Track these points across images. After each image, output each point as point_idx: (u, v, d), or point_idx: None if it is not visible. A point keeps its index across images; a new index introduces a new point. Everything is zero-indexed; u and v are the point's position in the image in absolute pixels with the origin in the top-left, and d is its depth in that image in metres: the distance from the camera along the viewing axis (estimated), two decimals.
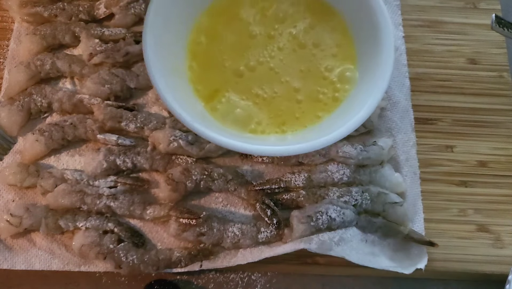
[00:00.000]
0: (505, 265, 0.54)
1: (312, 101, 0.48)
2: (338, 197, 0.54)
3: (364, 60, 0.48)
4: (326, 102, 0.48)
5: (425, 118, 0.61)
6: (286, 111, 0.48)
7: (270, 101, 0.49)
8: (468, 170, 0.59)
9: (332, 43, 0.50)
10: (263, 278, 0.55)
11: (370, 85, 0.45)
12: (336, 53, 0.50)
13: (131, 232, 0.53)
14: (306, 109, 0.48)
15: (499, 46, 0.65)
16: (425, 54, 0.64)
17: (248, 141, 0.45)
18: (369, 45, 0.47)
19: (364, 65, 0.48)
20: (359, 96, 0.46)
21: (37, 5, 0.61)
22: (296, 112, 0.48)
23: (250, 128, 0.48)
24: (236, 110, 0.48)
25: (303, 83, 0.49)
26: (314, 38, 0.50)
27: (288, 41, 0.50)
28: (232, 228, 0.53)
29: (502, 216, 0.57)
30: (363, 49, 0.48)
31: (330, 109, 0.48)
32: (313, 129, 0.47)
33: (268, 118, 0.48)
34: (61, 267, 0.53)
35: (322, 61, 0.49)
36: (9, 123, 0.56)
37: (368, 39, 0.47)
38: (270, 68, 0.50)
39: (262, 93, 0.49)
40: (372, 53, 0.46)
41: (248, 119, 0.48)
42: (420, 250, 0.54)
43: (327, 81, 0.48)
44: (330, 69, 0.49)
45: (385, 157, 0.57)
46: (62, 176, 0.55)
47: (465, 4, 0.67)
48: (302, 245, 0.51)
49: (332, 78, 0.48)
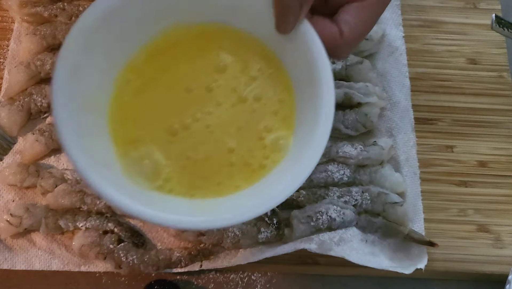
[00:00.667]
0: (505, 265, 0.54)
1: (243, 166, 0.41)
2: (338, 197, 0.54)
3: (301, 128, 0.42)
4: (253, 169, 0.41)
5: (425, 118, 0.61)
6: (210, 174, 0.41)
7: (198, 164, 0.41)
8: (468, 170, 0.59)
9: (275, 97, 0.43)
10: (263, 278, 0.55)
11: (298, 164, 0.38)
12: (277, 110, 0.42)
13: (131, 232, 0.53)
14: (235, 174, 0.41)
15: (499, 46, 0.65)
16: (425, 54, 0.64)
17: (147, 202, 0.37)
18: (308, 110, 0.41)
19: (299, 133, 0.41)
20: (285, 171, 0.40)
21: (37, 5, 0.61)
22: (222, 177, 0.41)
23: (157, 185, 0.40)
24: (144, 161, 0.41)
25: (238, 143, 0.42)
26: (256, 91, 0.43)
27: (227, 94, 0.43)
28: (232, 228, 0.53)
29: (502, 216, 0.57)
30: (303, 113, 0.42)
31: (253, 179, 0.41)
32: (222, 202, 0.40)
33: (180, 177, 0.40)
34: (61, 267, 0.53)
35: (261, 118, 0.42)
36: (9, 123, 0.56)
37: (308, 102, 0.41)
38: (206, 126, 0.42)
39: (193, 155, 0.41)
40: (310, 121, 0.40)
41: (156, 175, 0.40)
42: (420, 250, 0.54)
43: (261, 144, 0.41)
44: (268, 129, 0.42)
45: (385, 157, 0.57)
46: (62, 176, 0.54)
47: (465, 4, 0.67)
48: (302, 245, 0.51)
49: (266, 142, 0.41)
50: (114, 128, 0.41)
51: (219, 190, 0.40)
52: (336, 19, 0.40)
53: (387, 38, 0.64)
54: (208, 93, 0.43)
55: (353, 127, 0.57)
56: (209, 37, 0.45)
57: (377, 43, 0.62)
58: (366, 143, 0.57)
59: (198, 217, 0.37)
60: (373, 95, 0.58)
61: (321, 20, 0.40)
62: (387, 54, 0.63)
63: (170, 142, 0.41)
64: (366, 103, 0.58)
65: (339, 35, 0.39)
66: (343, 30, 0.39)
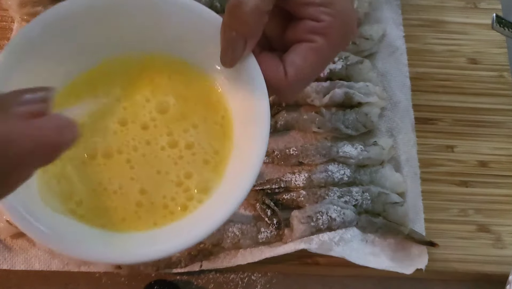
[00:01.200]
0: (505, 265, 0.54)
1: (155, 208, 0.40)
2: (339, 197, 0.54)
3: (232, 171, 0.41)
4: (172, 211, 0.40)
5: (426, 118, 0.61)
6: (117, 209, 0.40)
7: (108, 195, 0.40)
8: (469, 170, 0.59)
9: (209, 148, 0.42)
10: (263, 278, 0.55)
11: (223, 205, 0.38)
12: (209, 160, 0.42)
13: None
14: (143, 214, 0.40)
15: (500, 46, 0.65)
16: (425, 54, 0.64)
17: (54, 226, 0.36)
18: (241, 156, 0.41)
19: (229, 176, 0.41)
20: (208, 212, 0.39)
21: (37, 5, 0.61)
22: (126, 213, 0.40)
23: (69, 208, 0.39)
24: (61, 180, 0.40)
25: (153, 187, 0.41)
26: (191, 139, 0.42)
27: (160, 136, 0.42)
28: (232, 228, 0.53)
29: (503, 216, 0.57)
30: (236, 158, 0.42)
31: (173, 218, 0.40)
32: (133, 237, 0.39)
33: (92, 207, 0.40)
34: (61, 267, 0.53)
35: (186, 165, 0.41)
36: None
37: (243, 147, 0.41)
38: (127, 161, 0.41)
39: (106, 184, 0.41)
40: (241, 165, 0.40)
41: (69, 196, 0.40)
42: (421, 250, 0.53)
43: (182, 188, 0.41)
44: (189, 175, 0.41)
45: (385, 157, 0.56)
46: None
47: (466, 3, 0.67)
48: (302, 245, 0.51)
49: (188, 185, 0.41)
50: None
51: (124, 225, 0.39)
52: (284, 58, 0.39)
53: (388, 38, 0.64)
54: (142, 130, 0.43)
55: (353, 127, 0.57)
56: (159, 69, 0.44)
57: (377, 42, 0.62)
58: (366, 143, 0.57)
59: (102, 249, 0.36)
60: (373, 95, 0.58)
61: (268, 57, 0.40)
62: (387, 54, 0.63)
63: (87, 165, 0.41)
64: (367, 103, 0.58)
65: (283, 76, 0.38)
66: (288, 71, 0.38)
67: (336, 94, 0.57)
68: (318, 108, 0.58)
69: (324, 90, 0.58)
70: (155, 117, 0.43)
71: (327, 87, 0.58)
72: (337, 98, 0.58)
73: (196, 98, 0.44)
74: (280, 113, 0.58)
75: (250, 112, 0.40)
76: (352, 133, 0.57)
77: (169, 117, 0.43)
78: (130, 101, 0.43)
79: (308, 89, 0.58)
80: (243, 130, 0.41)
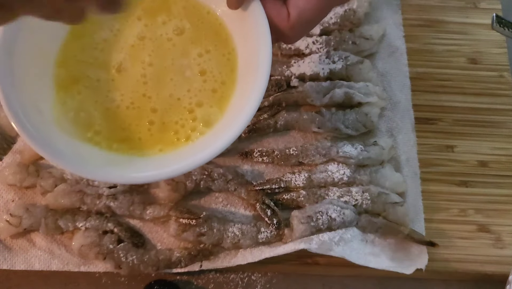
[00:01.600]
0: (505, 265, 0.54)
1: (166, 129, 0.43)
2: (338, 197, 0.54)
3: (232, 108, 0.44)
4: (179, 138, 0.43)
5: (426, 118, 0.61)
6: (131, 129, 0.43)
7: (121, 112, 0.43)
8: (469, 170, 0.59)
9: (219, 77, 0.45)
10: (263, 278, 0.55)
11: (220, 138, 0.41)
12: (216, 89, 0.44)
13: (131, 232, 0.53)
14: (155, 134, 0.43)
15: (500, 46, 0.65)
16: (425, 54, 0.64)
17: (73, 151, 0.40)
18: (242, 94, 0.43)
19: (229, 112, 0.44)
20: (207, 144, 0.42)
21: None
22: (142, 134, 0.43)
23: (87, 137, 0.42)
24: (80, 112, 0.43)
25: (165, 108, 0.44)
26: (204, 65, 0.45)
27: (176, 56, 0.45)
28: (232, 228, 0.53)
29: (502, 216, 0.57)
30: (238, 96, 0.44)
31: (177, 146, 0.43)
32: (145, 161, 0.42)
33: (108, 131, 0.43)
34: (61, 267, 0.53)
35: (199, 93, 0.44)
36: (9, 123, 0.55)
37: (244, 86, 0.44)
38: (142, 75, 0.44)
39: (119, 99, 0.43)
40: (241, 103, 0.42)
41: (87, 125, 0.42)
42: (421, 250, 0.53)
43: (190, 116, 0.43)
44: (199, 104, 0.44)
45: (385, 157, 0.56)
46: (61, 176, 0.54)
47: (466, 3, 0.67)
48: (302, 245, 0.51)
49: (196, 115, 0.43)
50: (58, 72, 0.43)
51: (141, 146, 0.42)
52: (288, 2, 0.41)
53: (388, 38, 0.64)
54: (159, 46, 0.45)
55: (353, 127, 0.57)
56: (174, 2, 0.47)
57: (377, 42, 0.62)
58: (366, 143, 0.57)
59: (116, 170, 0.40)
60: (373, 95, 0.58)
61: (272, 1, 0.41)
62: (387, 54, 0.63)
63: (101, 82, 0.44)
64: (367, 103, 0.58)
65: (286, 17, 0.41)
66: (291, 13, 0.41)
67: (336, 94, 0.57)
68: (318, 108, 0.58)
69: (324, 90, 0.58)
70: (171, 38, 0.46)
71: (327, 87, 0.58)
72: (337, 98, 0.58)
73: (208, 29, 0.46)
74: (280, 113, 0.58)
75: (253, 54, 0.42)
76: (352, 133, 0.57)
77: (184, 39, 0.46)
78: (150, 20, 0.46)
79: (308, 89, 0.58)
80: (246, 70, 0.44)
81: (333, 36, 0.61)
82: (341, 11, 0.62)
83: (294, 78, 0.59)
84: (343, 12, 0.62)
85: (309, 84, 0.58)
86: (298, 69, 0.59)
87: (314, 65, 0.59)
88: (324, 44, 0.60)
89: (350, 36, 0.61)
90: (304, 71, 0.59)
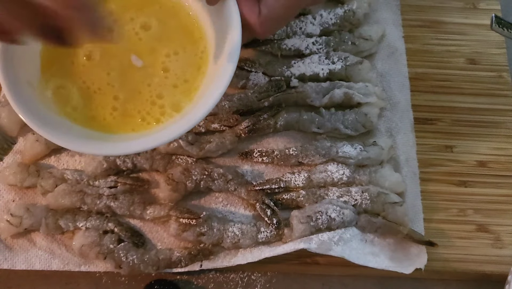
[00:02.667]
0: (505, 265, 0.54)
1: (128, 116, 0.47)
2: (338, 197, 0.54)
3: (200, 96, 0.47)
4: (148, 122, 0.47)
5: (425, 119, 0.61)
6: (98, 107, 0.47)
7: (90, 94, 0.47)
8: (468, 170, 0.59)
9: (182, 75, 0.48)
10: (263, 278, 0.55)
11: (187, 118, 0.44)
12: (177, 85, 0.48)
13: (131, 232, 0.53)
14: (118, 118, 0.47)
15: (499, 46, 0.65)
16: (424, 54, 0.64)
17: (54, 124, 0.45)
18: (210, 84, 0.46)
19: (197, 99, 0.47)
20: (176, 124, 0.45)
21: None
22: (106, 117, 0.47)
23: (66, 111, 0.47)
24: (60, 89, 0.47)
25: (125, 98, 0.48)
26: (169, 64, 0.48)
27: (144, 51, 0.49)
28: (232, 228, 0.53)
29: (501, 216, 0.57)
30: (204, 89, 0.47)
31: (147, 128, 0.47)
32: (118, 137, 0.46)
33: (83, 109, 0.47)
34: (61, 267, 0.53)
35: (158, 88, 0.48)
36: (10, 123, 0.56)
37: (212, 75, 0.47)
38: (107, 65, 0.48)
39: (89, 83, 0.48)
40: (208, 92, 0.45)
41: (65, 100, 0.47)
42: (420, 250, 0.54)
43: (156, 105, 0.47)
44: (160, 96, 0.48)
45: (384, 157, 0.57)
46: (62, 176, 0.55)
47: (465, 4, 0.67)
48: (302, 245, 0.51)
49: (161, 103, 0.47)
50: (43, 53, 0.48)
51: (108, 127, 0.47)
52: (260, 0, 0.45)
53: (387, 38, 0.64)
54: (126, 41, 0.49)
55: (352, 128, 0.57)
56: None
57: (376, 43, 0.62)
58: (365, 143, 0.57)
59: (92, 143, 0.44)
60: (372, 95, 0.58)
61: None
62: (387, 54, 0.63)
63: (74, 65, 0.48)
64: (366, 103, 0.58)
65: (257, 14, 0.45)
66: (262, 10, 0.45)
67: (336, 95, 0.58)
68: (318, 109, 0.58)
69: (323, 91, 0.58)
70: (138, 32, 0.49)
71: (327, 88, 0.58)
72: (336, 99, 0.58)
73: (180, 28, 0.50)
74: (280, 113, 0.58)
75: (224, 46, 0.46)
76: (352, 134, 0.57)
77: (151, 35, 0.49)
78: (119, 16, 0.50)
79: (307, 89, 0.58)
80: (215, 62, 0.47)
81: (332, 36, 0.61)
82: (341, 12, 0.62)
83: (293, 78, 0.59)
84: (343, 13, 0.62)
85: (309, 84, 0.59)
86: (298, 70, 0.59)
87: (314, 65, 0.59)
88: (323, 45, 0.61)
89: (350, 37, 0.61)
90: (304, 72, 0.59)
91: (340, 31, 0.62)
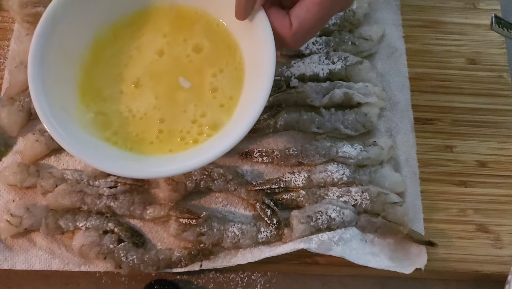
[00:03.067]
0: (504, 265, 0.54)
1: (172, 136, 0.47)
2: (338, 197, 0.54)
3: (239, 112, 0.47)
4: (186, 142, 0.47)
5: (425, 119, 0.61)
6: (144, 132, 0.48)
7: (136, 121, 0.48)
8: (468, 170, 0.59)
9: (227, 93, 0.49)
10: (263, 278, 0.55)
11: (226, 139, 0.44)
12: (224, 104, 0.48)
13: (131, 232, 0.53)
14: (163, 140, 0.47)
15: (499, 46, 0.65)
16: (424, 54, 0.64)
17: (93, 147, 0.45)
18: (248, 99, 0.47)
19: (236, 116, 0.47)
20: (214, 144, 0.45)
21: (38, 5, 0.61)
22: (153, 139, 0.47)
23: (105, 136, 0.47)
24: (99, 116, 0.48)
25: (170, 119, 0.48)
26: (216, 83, 0.49)
27: (192, 73, 0.49)
28: (232, 228, 0.53)
29: (501, 216, 0.57)
30: (244, 102, 0.47)
31: (186, 148, 0.47)
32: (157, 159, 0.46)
33: (124, 134, 0.47)
34: (61, 267, 0.53)
35: (206, 108, 0.48)
36: (9, 124, 0.56)
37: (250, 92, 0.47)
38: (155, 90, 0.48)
39: (135, 110, 0.48)
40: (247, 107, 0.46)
41: (106, 126, 0.47)
42: (420, 250, 0.54)
43: (196, 124, 0.48)
44: (203, 115, 0.48)
45: (384, 157, 0.57)
46: (62, 176, 0.55)
47: (465, 4, 0.67)
48: (302, 245, 0.51)
49: (201, 122, 0.47)
50: (83, 78, 0.49)
51: (153, 148, 0.47)
52: (290, 12, 0.44)
53: (387, 38, 0.64)
54: (175, 62, 0.50)
55: (352, 128, 0.57)
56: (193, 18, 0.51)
57: (376, 43, 0.62)
58: (365, 143, 0.57)
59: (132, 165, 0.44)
60: (372, 95, 0.58)
61: (276, 11, 0.45)
62: (387, 54, 0.63)
63: (123, 94, 0.49)
64: (366, 103, 0.58)
65: (288, 26, 0.44)
66: (293, 22, 0.44)
67: (336, 95, 0.58)
68: (318, 109, 0.58)
69: (323, 91, 0.58)
70: (189, 54, 0.50)
71: (327, 88, 0.58)
72: (336, 99, 0.58)
73: (221, 43, 0.50)
74: (280, 113, 0.58)
75: (258, 60, 0.46)
76: (352, 134, 0.58)
77: (203, 57, 0.50)
78: (169, 38, 0.51)
79: (307, 89, 0.58)
80: (252, 76, 0.47)
81: (332, 36, 0.61)
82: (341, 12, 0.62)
83: (293, 78, 0.59)
84: (343, 13, 0.62)
85: (309, 84, 0.59)
86: (298, 70, 0.59)
87: (314, 65, 0.60)
88: (323, 45, 0.61)
89: (350, 37, 0.61)
90: (304, 72, 0.59)
91: (340, 31, 0.62)
